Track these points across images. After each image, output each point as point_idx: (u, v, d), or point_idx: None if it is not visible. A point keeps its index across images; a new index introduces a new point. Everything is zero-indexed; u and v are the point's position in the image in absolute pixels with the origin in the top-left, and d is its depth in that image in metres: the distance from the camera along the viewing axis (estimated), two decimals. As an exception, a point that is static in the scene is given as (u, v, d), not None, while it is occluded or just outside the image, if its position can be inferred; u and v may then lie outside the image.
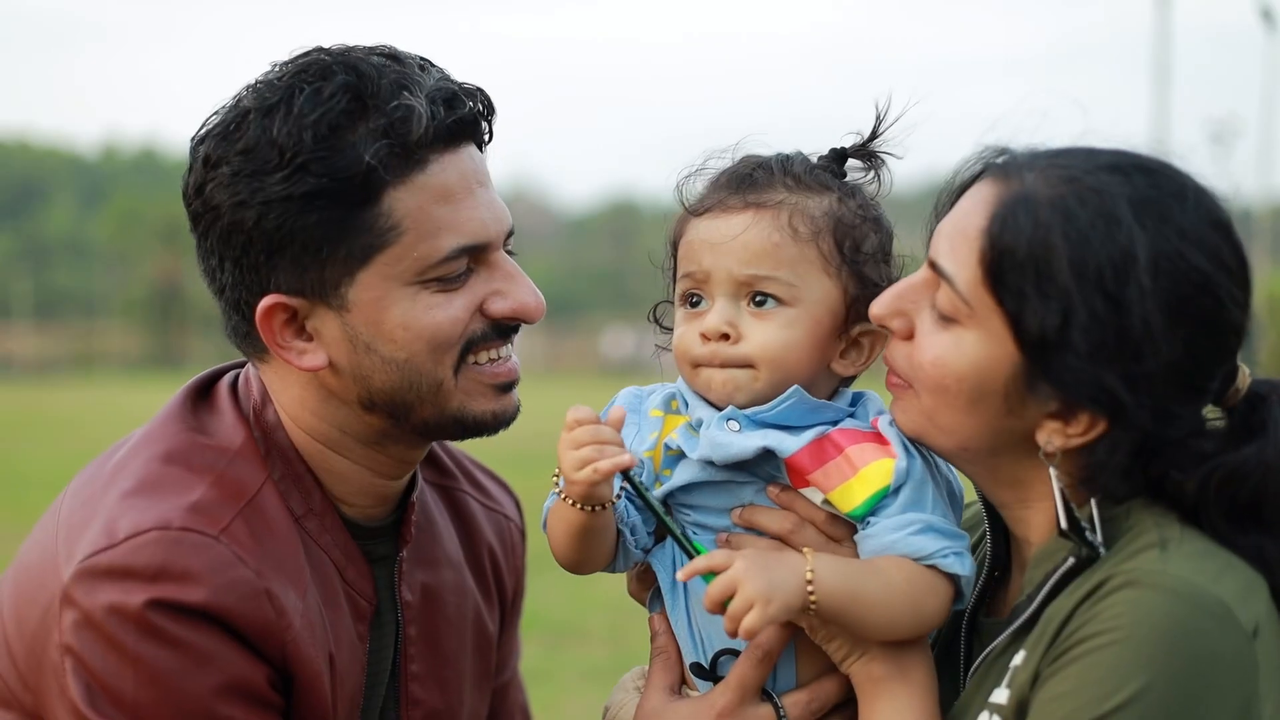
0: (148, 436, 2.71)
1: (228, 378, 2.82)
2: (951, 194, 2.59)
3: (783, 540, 2.61)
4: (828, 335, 2.67)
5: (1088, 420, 2.40)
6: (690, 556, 2.53)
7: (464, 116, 2.65)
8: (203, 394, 2.79)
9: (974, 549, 2.65)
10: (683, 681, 2.69)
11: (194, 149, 2.67)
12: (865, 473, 2.56)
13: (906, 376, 2.56)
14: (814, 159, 2.77)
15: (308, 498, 2.70)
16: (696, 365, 2.66)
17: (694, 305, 2.69)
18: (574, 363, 66.79)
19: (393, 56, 2.66)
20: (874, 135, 2.78)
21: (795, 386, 2.62)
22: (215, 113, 2.66)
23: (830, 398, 2.69)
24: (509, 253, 2.75)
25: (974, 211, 2.49)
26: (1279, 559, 2.38)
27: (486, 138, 2.73)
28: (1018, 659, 2.39)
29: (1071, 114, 2.48)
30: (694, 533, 2.64)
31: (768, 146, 2.78)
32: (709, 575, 2.46)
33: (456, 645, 2.95)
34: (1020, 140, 2.53)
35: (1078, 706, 2.26)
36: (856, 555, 2.59)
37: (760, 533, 2.63)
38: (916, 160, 2.86)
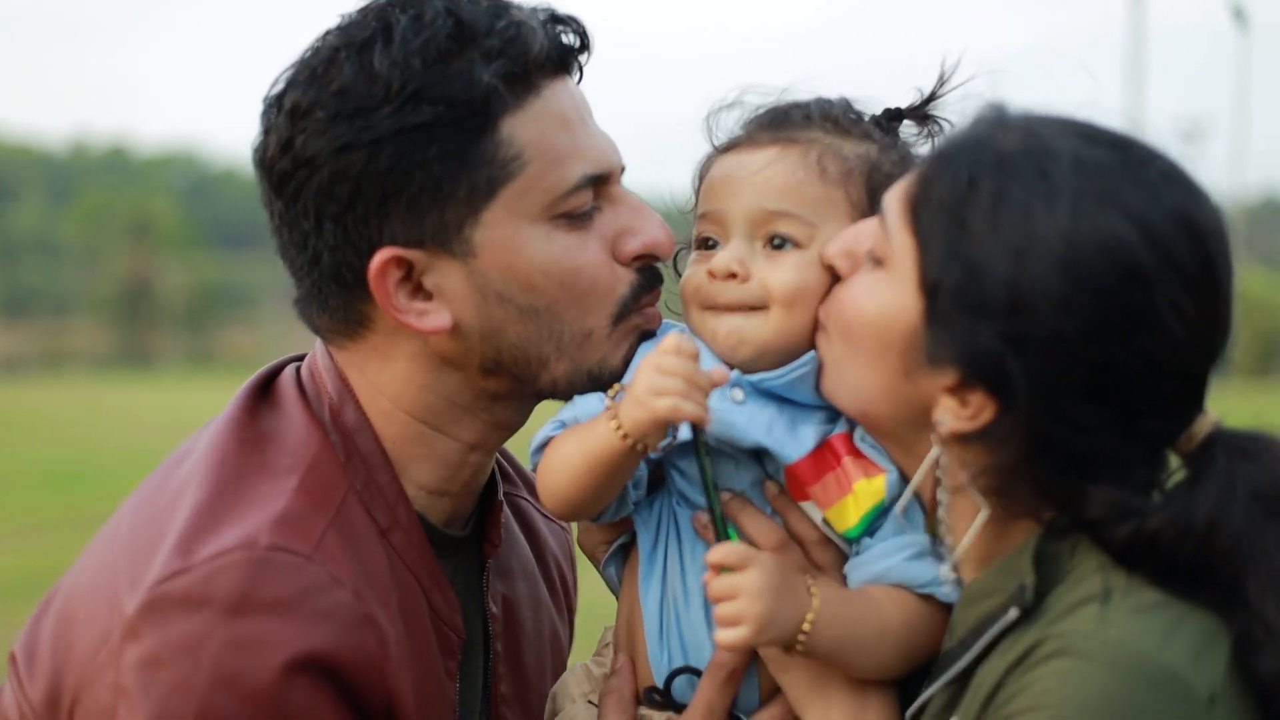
0: (215, 442, 2.39)
1: (288, 374, 2.51)
2: None
3: None
4: (824, 294, 2.42)
5: (979, 401, 2.17)
6: (719, 537, 2.29)
7: (571, 40, 2.43)
8: (265, 392, 2.49)
9: None
10: (638, 703, 2.47)
11: (272, 105, 2.37)
12: (859, 489, 2.38)
13: (822, 319, 2.40)
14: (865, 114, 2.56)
15: (393, 509, 2.39)
16: (703, 307, 2.47)
17: (708, 247, 2.50)
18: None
19: None
20: (933, 96, 2.58)
21: (811, 353, 2.40)
22: (291, 67, 2.39)
23: None
24: None
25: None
26: (1237, 633, 2.10)
27: (581, 72, 2.49)
28: None
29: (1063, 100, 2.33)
30: (678, 503, 2.45)
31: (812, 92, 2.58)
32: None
33: (536, 664, 2.69)
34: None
35: None
36: (842, 583, 2.39)
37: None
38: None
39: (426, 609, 2.40)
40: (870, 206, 2.43)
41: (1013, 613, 2.14)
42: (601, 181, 2.42)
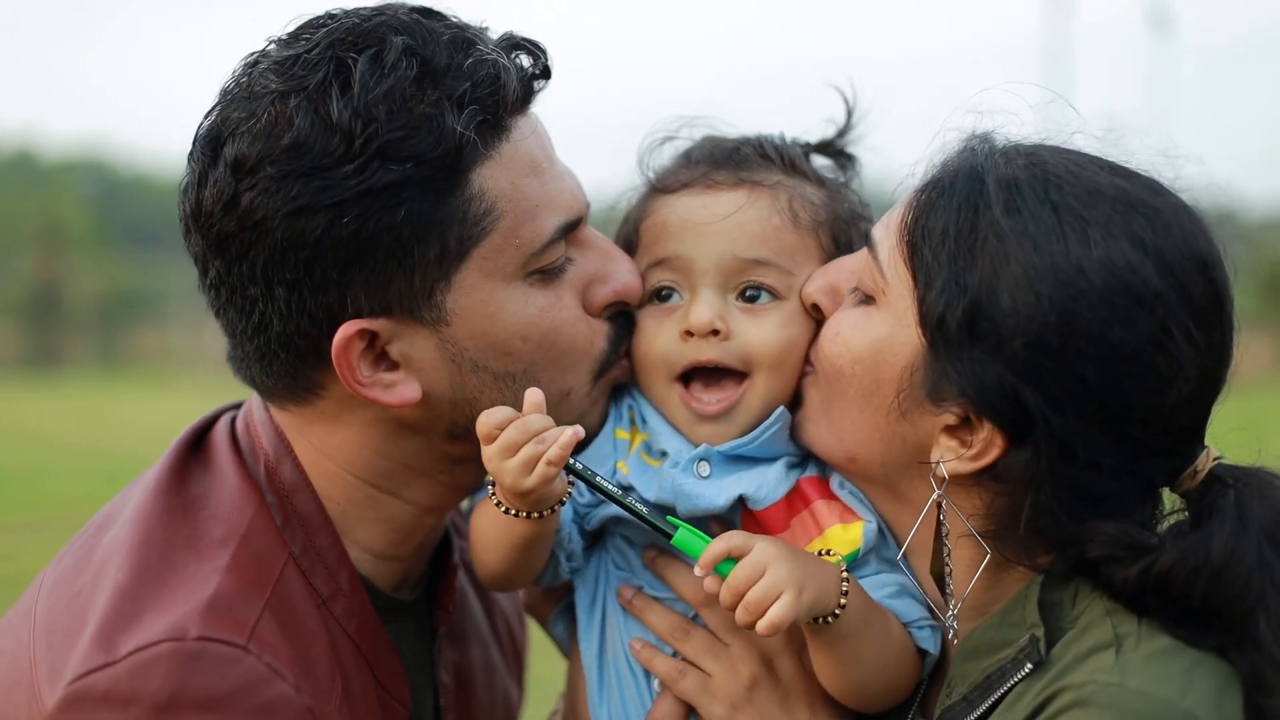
0: (140, 511, 2.21)
1: (222, 427, 2.32)
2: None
3: (693, 607, 2.34)
4: (812, 340, 2.36)
5: (986, 437, 2.12)
6: (666, 535, 2.20)
7: (539, 71, 2.24)
8: (196, 449, 2.29)
9: None
10: None
11: (207, 152, 2.13)
12: (831, 534, 2.31)
13: (813, 359, 2.31)
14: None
15: (334, 575, 2.24)
16: (674, 377, 2.32)
17: (663, 299, 2.35)
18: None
19: (425, 11, 2.22)
20: (846, 129, 2.51)
21: (781, 410, 2.32)
22: (221, 104, 2.15)
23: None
24: None
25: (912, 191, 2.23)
26: (1246, 674, 2.08)
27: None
28: None
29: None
30: (615, 564, 2.37)
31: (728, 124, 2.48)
32: (724, 564, 2.16)
33: None
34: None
35: None
36: (779, 642, 2.30)
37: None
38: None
39: (371, 681, 2.25)
40: (835, 253, 2.36)
41: (1027, 667, 2.07)
42: (573, 227, 2.27)
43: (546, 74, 2.27)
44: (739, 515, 2.35)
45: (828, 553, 2.27)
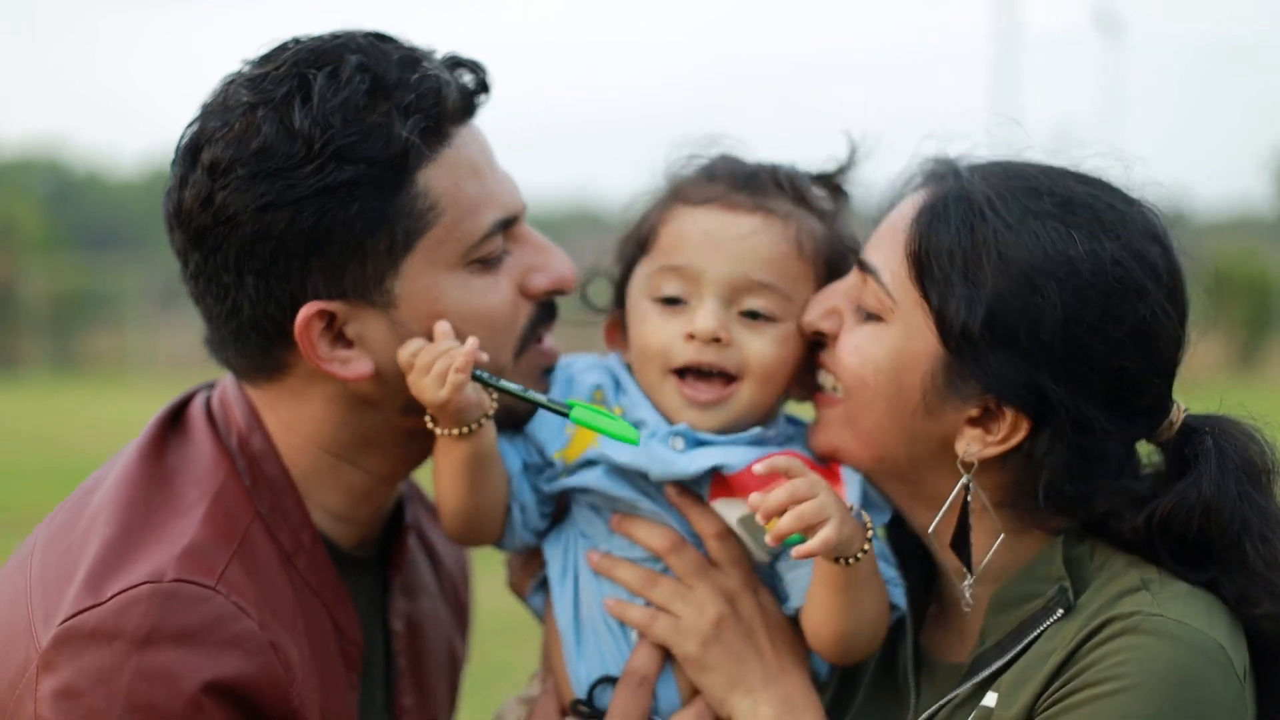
0: (124, 476, 2.49)
1: (198, 403, 2.62)
2: (891, 202, 2.57)
3: (659, 556, 2.55)
4: (802, 359, 2.61)
5: (1010, 423, 2.39)
6: (565, 414, 2.45)
7: (478, 86, 2.55)
8: (174, 423, 2.59)
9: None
10: (563, 715, 2.59)
11: (186, 157, 2.45)
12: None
13: (835, 375, 2.53)
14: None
15: (297, 533, 2.52)
16: (668, 370, 2.56)
17: (669, 303, 2.57)
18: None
19: (379, 35, 2.52)
20: (848, 165, 2.73)
21: (757, 429, 2.55)
22: (200, 117, 2.45)
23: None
24: None
25: (906, 209, 2.48)
26: (1235, 595, 2.37)
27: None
28: (989, 700, 2.37)
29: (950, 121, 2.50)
30: (581, 534, 2.58)
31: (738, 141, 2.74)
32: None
33: (436, 676, 2.86)
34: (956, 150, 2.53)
35: None
36: (738, 583, 2.53)
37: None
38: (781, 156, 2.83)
39: (330, 626, 2.52)
40: (827, 280, 2.61)
41: (1059, 613, 2.36)
42: (510, 223, 2.55)
43: (485, 89, 2.58)
44: (709, 480, 2.55)
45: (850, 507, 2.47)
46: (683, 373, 2.59)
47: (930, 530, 2.49)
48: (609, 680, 2.57)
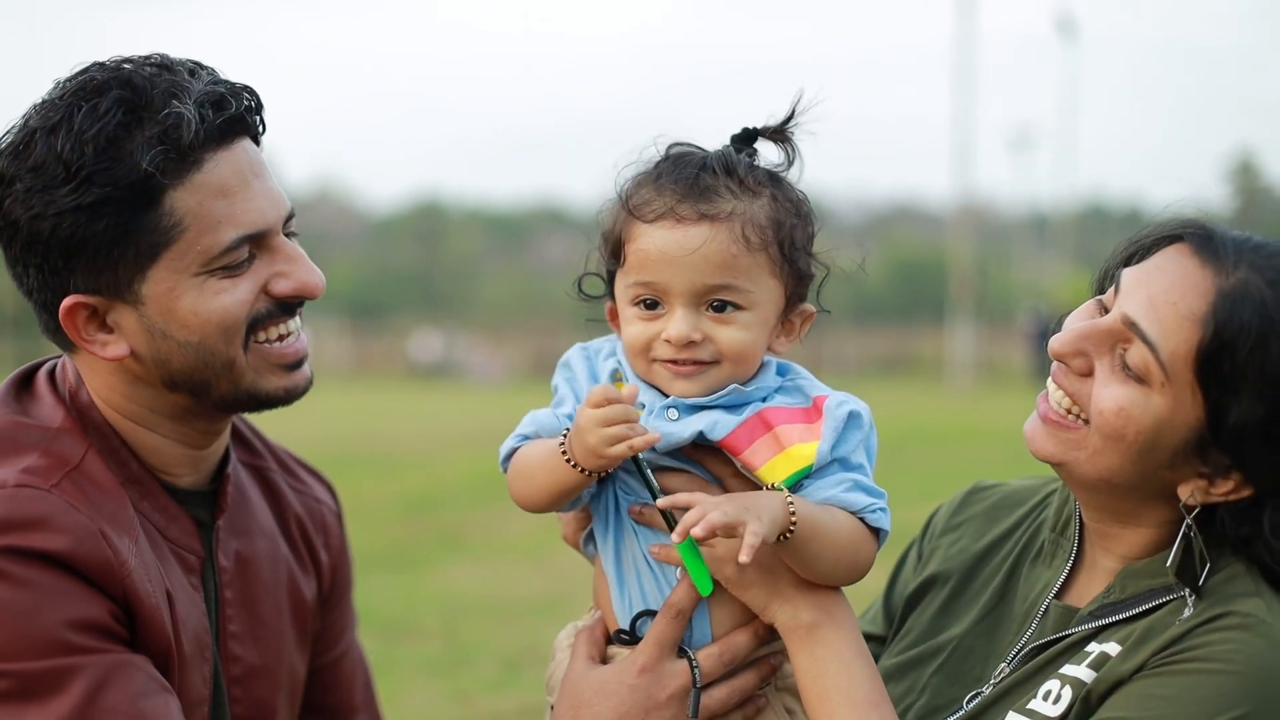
0: None
1: (46, 367, 3.08)
2: (1137, 244, 2.74)
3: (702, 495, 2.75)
4: (773, 327, 2.89)
5: (1235, 485, 2.61)
6: (671, 527, 2.69)
7: (232, 116, 2.91)
8: (25, 384, 3.05)
9: (1056, 532, 2.89)
10: (608, 643, 2.93)
11: None
12: (790, 452, 2.78)
13: (1081, 403, 2.69)
14: (728, 140, 2.89)
15: (125, 466, 2.95)
16: (653, 360, 2.85)
17: (649, 307, 2.86)
18: (381, 365, 65.59)
19: (164, 65, 2.93)
20: (789, 118, 2.91)
21: (733, 385, 2.82)
22: (8, 131, 2.91)
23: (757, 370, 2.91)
24: (291, 234, 3.01)
25: (1187, 290, 2.64)
26: None
27: (260, 130, 2.98)
28: (1108, 648, 2.62)
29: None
30: (621, 488, 2.88)
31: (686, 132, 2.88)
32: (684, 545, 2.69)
33: (273, 608, 3.22)
34: (1211, 218, 2.72)
35: (1175, 712, 2.51)
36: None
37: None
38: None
39: (164, 541, 2.96)
40: (782, 257, 2.83)
41: (1185, 592, 2.60)
42: (258, 238, 2.93)
43: (252, 110, 2.95)
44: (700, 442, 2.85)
45: (772, 486, 2.73)
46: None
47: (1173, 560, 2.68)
48: (649, 613, 2.89)
